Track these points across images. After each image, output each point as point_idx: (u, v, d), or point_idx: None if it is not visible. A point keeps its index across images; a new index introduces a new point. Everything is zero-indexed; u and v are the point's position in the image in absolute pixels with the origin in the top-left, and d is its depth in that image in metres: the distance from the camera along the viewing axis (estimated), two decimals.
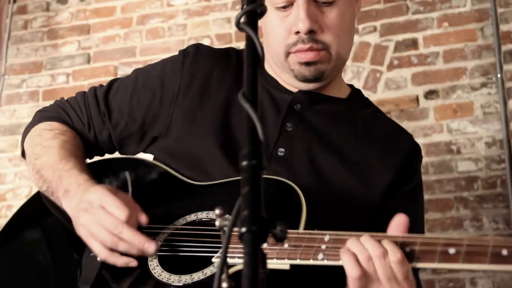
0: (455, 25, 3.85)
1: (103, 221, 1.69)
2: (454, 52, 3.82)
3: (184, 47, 3.96)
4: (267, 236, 1.01)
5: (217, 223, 1.42)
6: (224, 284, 1.10)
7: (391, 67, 3.80)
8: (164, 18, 4.30)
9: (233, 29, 4.16)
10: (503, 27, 3.69)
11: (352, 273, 1.50)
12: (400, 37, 3.86)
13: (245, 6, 1.32)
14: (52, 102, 4.07)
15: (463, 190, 3.58)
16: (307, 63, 1.90)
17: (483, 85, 3.73)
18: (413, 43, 3.85)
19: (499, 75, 3.65)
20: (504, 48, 3.66)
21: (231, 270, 1.55)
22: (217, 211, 1.44)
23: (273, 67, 2.08)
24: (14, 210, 3.86)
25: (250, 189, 1.07)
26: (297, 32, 1.88)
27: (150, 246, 1.68)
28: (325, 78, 1.99)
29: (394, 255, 1.49)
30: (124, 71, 3.82)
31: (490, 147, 3.65)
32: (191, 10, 4.27)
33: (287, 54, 1.92)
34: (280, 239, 1.07)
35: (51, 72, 4.35)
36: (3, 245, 1.99)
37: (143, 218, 1.74)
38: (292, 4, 1.88)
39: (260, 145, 1.14)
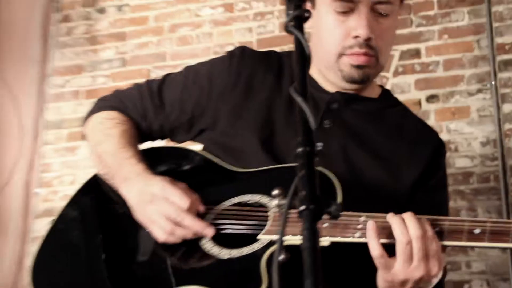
0: (454, 37, 3.89)
1: (166, 212, 1.73)
2: (453, 61, 3.85)
3: (210, 53, 4.25)
4: (323, 213, 1.15)
5: (275, 201, 1.60)
6: (282, 255, 1.12)
7: (396, 73, 3.85)
8: (192, 27, 4.33)
9: (254, 37, 4.18)
10: (498, 40, 3.71)
11: (400, 238, 1.53)
12: (405, 47, 3.88)
13: (291, 12, 1.41)
14: (91, 100, 4.18)
15: (460, 184, 3.64)
16: (358, 66, 1.90)
17: (479, 91, 3.77)
18: (416, 53, 3.88)
19: (493, 82, 3.69)
20: (498, 58, 3.69)
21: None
22: (276, 192, 1.59)
23: (317, 66, 2.05)
24: (60, 195, 3.96)
25: (306, 172, 1.13)
26: (355, 37, 1.87)
27: (209, 231, 1.72)
28: (368, 81, 2.02)
29: (429, 232, 1.54)
30: (156, 73, 3.84)
31: (484, 146, 3.69)
32: (216, 20, 4.30)
33: (340, 55, 1.91)
34: (335, 217, 1.18)
35: (91, 74, 4.41)
36: (67, 223, 1.98)
37: (201, 208, 1.78)
38: (352, 10, 1.86)
39: (312, 133, 1.20)
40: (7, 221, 4.04)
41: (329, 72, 1.99)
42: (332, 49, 1.91)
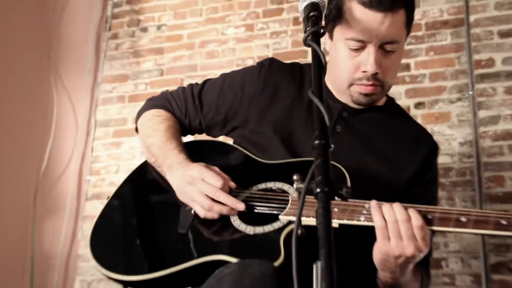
0: (439, 54, 3.88)
1: (204, 190, 1.75)
2: (437, 74, 3.85)
3: (233, 65, 4.30)
4: (335, 195, 1.22)
5: (295, 185, 1.63)
6: (299, 231, 1.18)
7: None
8: (219, 44, 4.35)
9: (270, 52, 4.17)
10: (475, 56, 3.71)
11: (377, 222, 1.57)
12: None
13: (309, 28, 1.53)
14: (133, 104, 4.23)
15: (441, 177, 3.58)
16: (366, 94, 1.92)
17: (459, 99, 3.76)
18: (407, 67, 3.87)
19: (471, 92, 3.68)
20: (476, 72, 3.68)
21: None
22: (295, 177, 1.62)
23: (332, 83, 2.07)
24: (106, 182, 4.02)
25: (322, 161, 1.21)
26: (364, 71, 1.87)
27: (240, 206, 1.75)
28: (373, 104, 2.03)
29: (417, 220, 1.54)
30: (188, 81, 3.74)
31: (462, 146, 3.67)
32: (239, 38, 4.31)
33: (351, 84, 1.93)
34: (345, 198, 1.27)
35: (134, 82, 4.46)
36: (120, 200, 2.02)
37: (232, 184, 1.80)
38: (363, 48, 1.86)
39: (327, 129, 1.29)
40: (64, 202, 4.14)
41: (340, 93, 2.03)
42: (344, 78, 1.93)
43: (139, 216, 1.98)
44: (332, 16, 1.94)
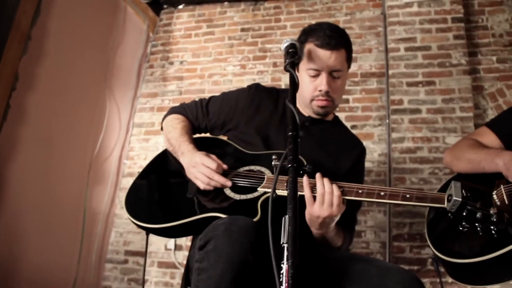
0: (368, 94, 3.89)
1: (203, 171, 1.78)
2: (366, 107, 3.85)
3: None
4: (301, 170, 1.23)
5: (273, 162, 1.66)
6: (274, 194, 1.21)
7: (335, 112, 3.84)
8: (221, 76, 4.33)
9: None
10: (391, 97, 3.70)
11: (306, 193, 1.58)
12: None
13: (288, 59, 1.63)
14: (160, 113, 4.20)
15: (365, 176, 3.43)
16: (322, 107, 1.94)
17: (379, 125, 3.77)
18: (346, 101, 3.87)
19: (387, 121, 3.69)
20: (391, 108, 3.67)
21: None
22: (274, 157, 1.69)
23: (298, 100, 2.02)
24: (137, 165, 3.94)
25: (293, 146, 1.24)
26: (320, 90, 1.90)
27: (227, 183, 1.76)
28: (328, 115, 2.04)
29: (337, 191, 1.57)
30: None
31: (380, 156, 3.68)
32: (235, 73, 4.30)
33: (311, 100, 1.94)
34: (309, 173, 1.29)
35: (162, 98, 4.42)
36: (147, 175, 2.03)
37: (225, 166, 1.81)
38: (318, 75, 1.89)
39: (297, 125, 1.31)
40: (108, 176, 4.09)
41: (306, 107, 2.02)
42: (307, 96, 1.95)
43: (159, 185, 1.98)
44: (298, 55, 1.93)
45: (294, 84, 1.52)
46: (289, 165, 1.20)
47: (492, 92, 3.75)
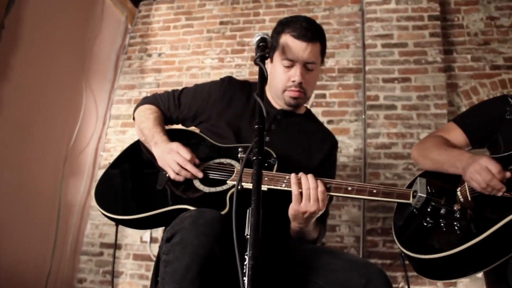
0: (345, 89, 3.90)
1: (177, 159, 1.76)
2: (343, 102, 3.86)
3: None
4: (265, 162, 1.23)
5: (239, 155, 1.67)
6: (239, 186, 1.25)
7: (312, 106, 3.81)
8: (199, 69, 4.30)
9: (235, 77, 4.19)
10: (367, 93, 3.72)
11: (294, 190, 1.58)
12: (317, 92, 3.88)
13: (259, 53, 1.64)
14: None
15: (341, 171, 3.62)
16: (294, 98, 1.95)
17: (356, 120, 3.78)
18: (323, 96, 3.89)
19: (363, 116, 3.71)
20: (367, 103, 3.69)
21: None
22: (240, 149, 1.69)
23: (270, 93, 2.06)
24: (114, 157, 3.88)
25: (258, 139, 1.24)
26: (293, 81, 1.91)
27: (199, 174, 1.76)
28: (300, 106, 2.06)
29: (321, 187, 1.57)
30: None
31: (355, 151, 3.70)
32: (213, 66, 4.28)
33: (284, 90, 1.95)
34: (272, 166, 1.29)
35: (139, 90, 4.38)
36: (117, 165, 2.00)
37: (197, 161, 1.80)
38: (292, 66, 1.90)
39: (264, 118, 1.32)
40: (84, 168, 4.06)
41: (278, 98, 2.03)
42: (280, 86, 1.96)
43: (129, 176, 1.96)
44: (273, 46, 1.96)
45: (263, 77, 1.53)
46: (254, 158, 1.19)
47: (466, 90, 3.81)
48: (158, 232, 3.89)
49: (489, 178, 1.61)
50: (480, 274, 2.08)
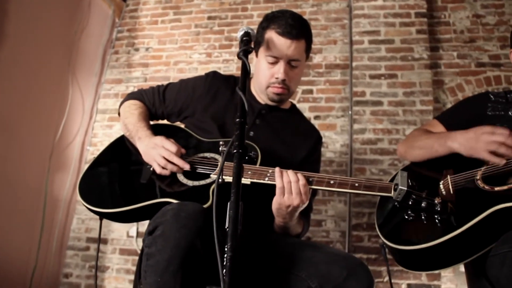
0: (332, 85, 3.90)
1: (162, 153, 1.76)
2: (330, 98, 3.86)
3: None
4: (246, 156, 1.23)
5: (220, 148, 1.68)
6: (220, 179, 1.23)
7: (299, 101, 3.83)
8: (187, 63, 4.29)
9: (223, 72, 4.18)
10: (354, 89, 3.73)
11: (278, 183, 1.59)
12: (305, 87, 3.89)
13: (242, 47, 1.63)
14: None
15: (327, 166, 3.65)
16: (277, 94, 1.96)
17: (342, 116, 3.79)
18: (310, 91, 3.89)
19: (350, 112, 3.72)
20: (354, 99, 3.70)
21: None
22: (221, 142, 1.72)
23: (255, 88, 2.07)
24: (100, 151, 3.93)
25: (239, 133, 1.24)
26: (277, 78, 1.91)
27: (186, 166, 1.75)
28: (283, 102, 2.05)
29: (302, 181, 1.57)
30: None
31: (342, 147, 3.71)
32: (201, 61, 4.27)
33: (268, 86, 1.96)
34: (252, 160, 1.29)
35: (126, 84, 4.36)
36: (102, 160, 2.00)
37: (183, 150, 1.80)
38: (277, 62, 1.90)
39: (245, 111, 1.31)
40: (70, 162, 4.03)
41: (261, 93, 2.03)
42: (264, 82, 1.96)
43: (114, 171, 1.96)
44: (258, 41, 1.96)
45: (246, 72, 1.53)
46: (235, 151, 1.20)
47: (452, 87, 3.84)
48: (144, 227, 3.84)
49: (508, 132, 1.63)
50: (462, 268, 2.10)
